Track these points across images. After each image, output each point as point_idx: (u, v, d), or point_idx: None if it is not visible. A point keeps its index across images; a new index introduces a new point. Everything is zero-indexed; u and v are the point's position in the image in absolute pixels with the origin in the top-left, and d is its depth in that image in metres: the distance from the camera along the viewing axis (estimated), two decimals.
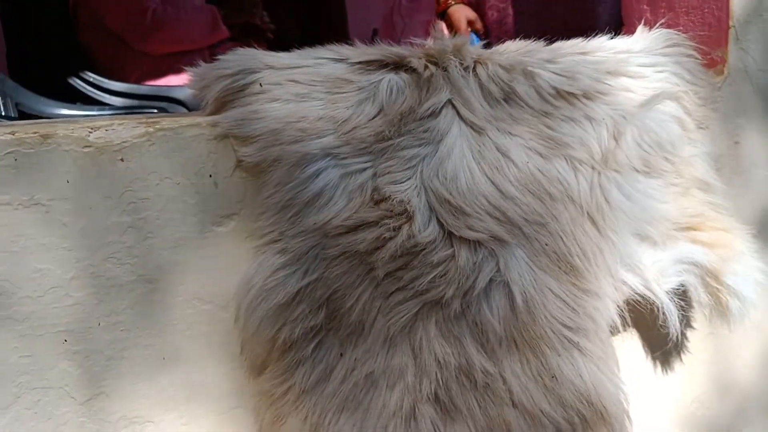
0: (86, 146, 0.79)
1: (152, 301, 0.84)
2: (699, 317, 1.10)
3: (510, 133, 0.90)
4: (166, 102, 1.08)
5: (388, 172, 0.84)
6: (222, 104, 0.85)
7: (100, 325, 0.82)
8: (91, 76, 1.10)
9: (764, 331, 1.16)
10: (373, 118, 0.86)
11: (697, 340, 1.11)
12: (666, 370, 1.11)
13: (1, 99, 1.04)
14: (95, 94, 1.09)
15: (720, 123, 1.06)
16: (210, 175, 0.84)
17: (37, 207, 0.78)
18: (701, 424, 1.15)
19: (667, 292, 0.91)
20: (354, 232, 0.82)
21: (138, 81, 1.73)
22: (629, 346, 1.04)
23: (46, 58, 1.90)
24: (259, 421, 0.88)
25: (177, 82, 1.60)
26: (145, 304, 0.83)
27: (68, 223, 0.80)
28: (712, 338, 1.13)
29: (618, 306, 0.90)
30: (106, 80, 1.12)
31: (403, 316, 0.84)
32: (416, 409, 0.84)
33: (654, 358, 1.10)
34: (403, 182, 0.84)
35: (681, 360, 1.11)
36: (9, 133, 0.77)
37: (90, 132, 0.79)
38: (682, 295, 0.94)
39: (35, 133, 0.78)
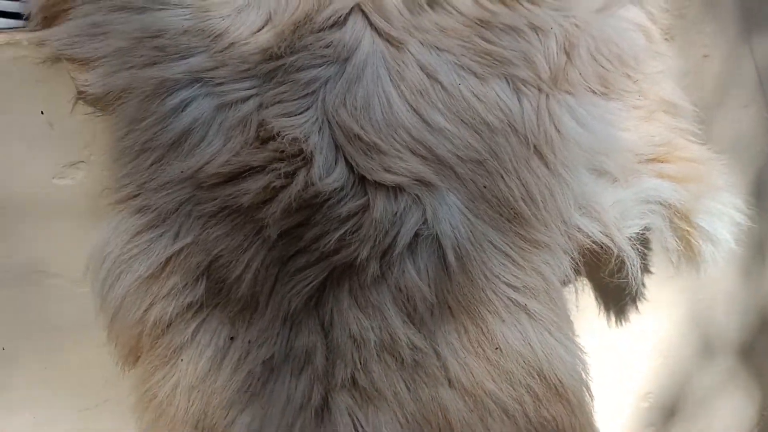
0: None
1: None
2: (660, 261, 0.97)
3: (437, 47, 0.72)
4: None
5: (278, 102, 0.65)
6: (52, 16, 0.64)
7: None
8: None
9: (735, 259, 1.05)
10: (257, 31, 0.66)
11: (656, 282, 0.99)
12: (620, 322, 0.98)
13: None
14: None
15: (687, 33, 0.90)
16: (42, 112, 0.64)
17: None
18: (661, 377, 1.04)
19: (628, 239, 0.76)
20: (235, 182, 0.63)
21: None
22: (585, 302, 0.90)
23: None
24: (140, 424, 0.71)
25: None
26: None
27: None
28: (670, 282, 1.00)
29: (572, 258, 0.74)
30: None
31: (307, 285, 0.67)
32: (329, 399, 0.68)
33: (609, 312, 0.98)
34: (299, 114, 0.66)
35: (637, 308, 0.99)
36: None
37: None
38: (644, 241, 0.80)
39: None
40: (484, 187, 0.72)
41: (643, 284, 1.02)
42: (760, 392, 1.16)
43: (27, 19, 0.65)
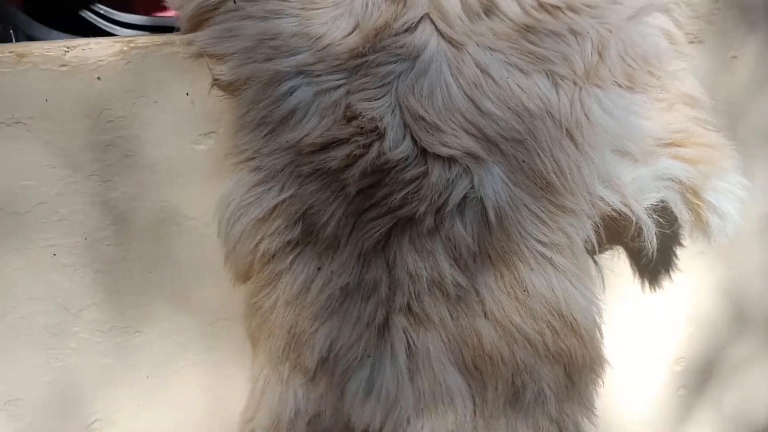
0: (62, 65, 0.81)
1: (134, 218, 0.87)
2: (687, 235, 1.10)
3: (490, 48, 0.89)
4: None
5: (361, 89, 0.84)
6: (197, 23, 0.86)
7: (86, 239, 0.86)
8: (102, 8, 1.12)
9: (755, 247, 1.16)
10: (348, 35, 0.85)
11: (686, 256, 1.12)
12: (654, 289, 1.12)
13: (13, 32, 1.06)
14: (106, 26, 1.11)
15: (716, 36, 1.03)
16: (187, 94, 0.86)
17: (18, 126, 0.81)
18: (688, 344, 1.16)
19: (645, 209, 0.92)
20: (326, 150, 0.83)
21: (147, 12, 1.72)
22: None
23: None
24: (247, 329, 0.93)
25: None
26: (128, 220, 0.87)
27: (50, 141, 0.82)
28: (702, 258, 1.13)
29: (594, 222, 0.91)
30: (116, 12, 1.13)
31: (376, 232, 0.86)
32: (389, 320, 0.88)
33: (644, 280, 1.12)
34: (377, 99, 0.85)
35: (669, 276, 1.12)
36: None
37: (66, 51, 0.81)
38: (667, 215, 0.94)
39: (11, 52, 0.79)
40: (523, 161, 0.89)
41: (676, 256, 1.15)
42: None
43: (179, 29, 0.87)
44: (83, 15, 1.12)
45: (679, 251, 1.11)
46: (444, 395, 0.90)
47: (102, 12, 1.12)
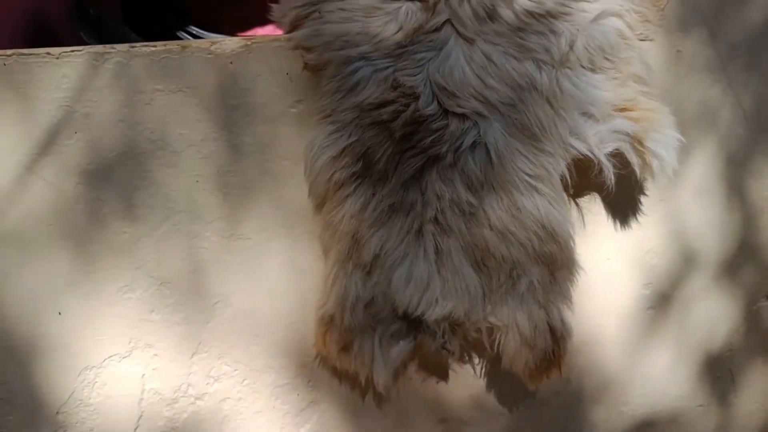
0: (209, 54, 1.24)
1: (251, 159, 1.28)
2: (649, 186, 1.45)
3: (493, 43, 1.27)
4: None
5: (403, 69, 1.23)
6: (294, 26, 1.27)
7: (219, 171, 1.28)
8: (195, 30, 1.52)
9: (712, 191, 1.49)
10: (395, 33, 1.25)
11: (650, 203, 1.46)
12: (624, 228, 1.46)
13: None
14: None
15: (664, 36, 1.40)
16: (287, 73, 1.27)
17: (180, 92, 1.23)
18: (654, 272, 1.50)
19: (605, 155, 1.28)
20: (379, 108, 1.22)
21: (231, 33, 2.17)
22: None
23: (159, 12, 2.36)
24: (322, 241, 1.32)
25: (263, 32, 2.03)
26: (250, 160, 1.27)
27: (199, 104, 1.24)
28: (662, 204, 1.48)
29: (567, 162, 1.28)
30: (207, 33, 1.53)
31: (414, 166, 1.23)
32: (422, 228, 1.26)
33: (616, 221, 1.46)
34: (414, 76, 1.23)
35: (636, 219, 1.47)
36: (162, 45, 1.22)
37: (212, 44, 1.24)
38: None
39: (177, 45, 1.23)
40: (515, 119, 1.26)
41: (641, 203, 1.48)
42: (745, 295, 1.57)
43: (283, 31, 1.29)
44: (179, 35, 1.52)
45: (643, 199, 1.45)
46: (461, 283, 1.26)
47: (194, 33, 1.51)
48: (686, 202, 1.48)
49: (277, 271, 1.31)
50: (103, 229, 1.24)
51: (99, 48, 1.21)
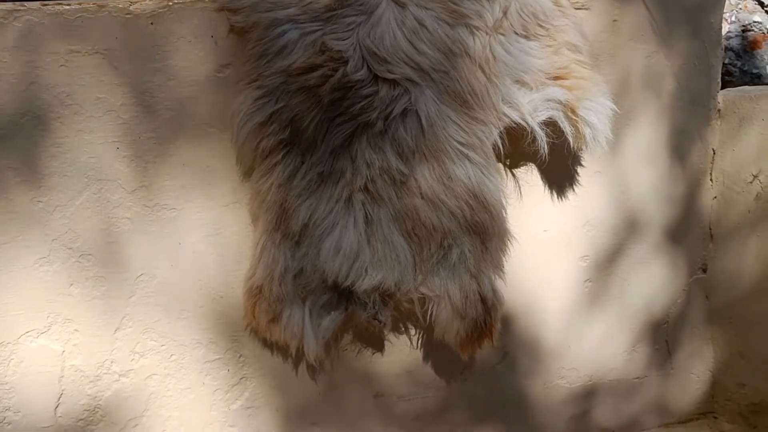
0: (127, 14, 1.18)
1: (174, 125, 1.23)
2: (585, 157, 1.44)
3: (425, 7, 1.24)
4: None
5: (332, 32, 1.20)
6: None
7: (140, 138, 1.23)
8: None
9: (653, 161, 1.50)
10: None
11: (587, 174, 1.46)
12: (561, 199, 1.46)
13: None
14: None
15: (600, 4, 1.39)
16: (212, 36, 1.22)
17: (97, 54, 1.18)
18: (593, 244, 1.50)
19: (538, 123, 1.27)
20: (307, 73, 1.19)
21: None
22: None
23: None
24: (250, 210, 1.28)
25: None
26: (169, 126, 1.23)
27: (118, 66, 1.19)
28: (600, 176, 1.48)
29: (500, 131, 1.26)
30: None
31: (343, 133, 1.21)
32: (352, 197, 1.23)
33: (553, 193, 1.45)
34: (344, 40, 1.21)
35: (574, 191, 1.46)
36: (77, 4, 1.16)
37: (130, 4, 1.18)
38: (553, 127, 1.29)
39: (93, 4, 1.17)
40: (447, 86, 1.24)
41: (578, 173, 1.49)
42: (683, 267, 1.59)
43: None
44: None
45: (579, 170, 1.45)
46: (391, 253, 1.24)
47: None
48: (627, 172, 1.48)
49: (203, 243, 1.27)
50: (14, 198, 1.18)
51: (8, 5, 1.15)
